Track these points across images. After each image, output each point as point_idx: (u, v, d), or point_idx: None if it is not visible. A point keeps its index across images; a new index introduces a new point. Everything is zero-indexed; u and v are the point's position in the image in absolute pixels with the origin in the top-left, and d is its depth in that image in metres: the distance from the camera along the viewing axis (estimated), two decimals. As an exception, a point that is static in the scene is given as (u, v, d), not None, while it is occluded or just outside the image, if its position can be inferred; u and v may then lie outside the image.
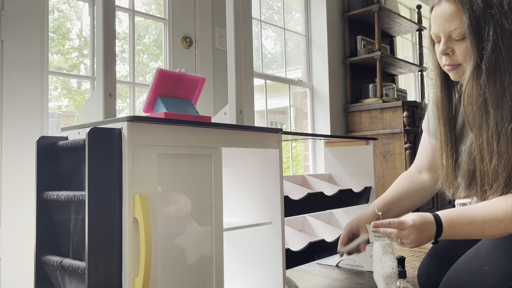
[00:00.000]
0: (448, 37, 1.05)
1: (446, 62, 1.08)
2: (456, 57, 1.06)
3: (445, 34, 1.05)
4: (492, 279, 0.99)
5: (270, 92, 3.07)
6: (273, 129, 1.35)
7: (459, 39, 1.03)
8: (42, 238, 1.06)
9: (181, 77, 1.21)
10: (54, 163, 1.08)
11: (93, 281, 0.90)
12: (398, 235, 0.98)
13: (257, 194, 1.42)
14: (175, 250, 1.06)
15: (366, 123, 3.24)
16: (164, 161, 1.04)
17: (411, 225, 0.97)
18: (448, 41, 1.05)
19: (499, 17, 0.99)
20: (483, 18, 0.99)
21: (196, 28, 2.39)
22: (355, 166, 2.01)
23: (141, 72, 2.32)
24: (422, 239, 0.98)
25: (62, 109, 2.06)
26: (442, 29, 1.05)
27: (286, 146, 3.16)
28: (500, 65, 0.98)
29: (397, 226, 0.98)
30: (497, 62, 0.98)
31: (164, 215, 1.04)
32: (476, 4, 0.99)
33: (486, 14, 0.99)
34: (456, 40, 1.04)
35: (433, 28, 1.07)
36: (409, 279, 1.75)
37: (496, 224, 0.97)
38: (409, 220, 0.97)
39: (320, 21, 3.31)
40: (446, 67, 1.09)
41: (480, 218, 0.98)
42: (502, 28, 0.98)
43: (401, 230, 0.98)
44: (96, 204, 0.91)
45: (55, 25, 2.01)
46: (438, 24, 1.05)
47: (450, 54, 1.06)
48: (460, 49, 1.04)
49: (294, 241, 1.76)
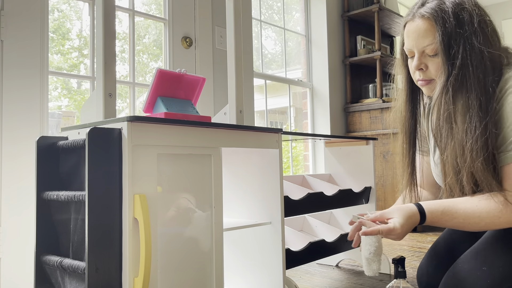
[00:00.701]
0: (422, 53, 1.07)
1: (419, 77, 1.10)
2: (430, 72, 1.08)
3: (419, 49, 1.07)
4: (491, 279, 1.00)
5: (270, 92, 3.07)
6: (273, 129, 1.35)
7: (432, 55, 1.05)
8: (42, 238, 1.06)
9: (181, 77, 1.21)
10: (54, 163, 1.08)
11: (93, 281, 0.90)
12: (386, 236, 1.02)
13: (257, 194, 1.42)
14: (175, 250, 1.06)
15: (366, 123, 3.24)
16: (164, 161, 1.04)
17: (399, 232, 1.00)
18: (422, 56, 1.07)
19: (469, 35, 1.01)
20: (454, 36, 1.01)
21: (196, 28, 2.39)
22: (355, 166, 2.01)
23: (141, 72, 2.32)
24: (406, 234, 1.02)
25: (62, 109, 2.06)
26: (416, 45, 1.07)
27: (286, 146, 3.16)
28: (466, 82, 1.01)
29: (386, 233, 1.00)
30: (463, 79, 1.01)
31: (164, 215, 1.04)
32: (449, 22, 1.01)
33: (457, 32, 1.01)
34: (429, 56, 1.06)
35: (407, 43, 1.09)
36: (409, 279, 1.76)
37: (477, 222, 0.99)
38: (398, 226, 1.00)
39: (320, 21, 3.31)
40: (420, 82, 1.11)
41: (463, 215, 1.00)
42: (471, 46, 1.01)
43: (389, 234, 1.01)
44: (96, 204, 0.91)
45: (55, 25, 2.01)
46: (412, 40, 1.07)
47: (423, 70, 1.08)
48: (433, 65, 1.06)
49: (294, 241, 1.76)
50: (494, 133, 0.99)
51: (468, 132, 1.00)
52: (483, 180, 0.99)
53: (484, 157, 0.98)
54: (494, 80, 1.01)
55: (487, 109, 0.99)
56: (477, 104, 0.99)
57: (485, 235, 1.11)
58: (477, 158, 0.98)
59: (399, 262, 1.08)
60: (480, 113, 0.99)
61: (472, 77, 1.00)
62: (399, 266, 1.08)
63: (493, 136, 0.99)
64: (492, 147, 0.99)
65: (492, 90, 1.00)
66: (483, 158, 0.98)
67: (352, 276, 1.89)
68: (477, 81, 1.00)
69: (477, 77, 1.00)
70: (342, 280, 1.82)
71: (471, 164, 0.99)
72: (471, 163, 0.99)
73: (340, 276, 1.90)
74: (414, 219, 1.01)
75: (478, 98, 1.00)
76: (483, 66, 1.01)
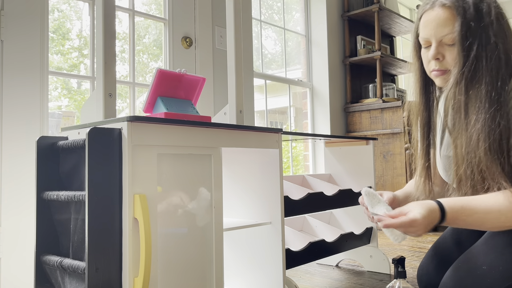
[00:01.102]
0: (439, 42, 1.07)
1: (435, 67, 1.10)
2: (446, 62, 1.08)
3: (437, 39, 1.07)
4: (491, 279, 1.00)
5: (270, 92, 3.07)
6: (273, 129, 1.35)
7: (450, 44, 1.06)
8: (42, 238, 1.06)
9: (181, 77, 1.21)
10: (54, 163, 1.08)
11: (93, 281, 0.90)
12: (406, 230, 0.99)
13: (257, 194, 1.42)
14: (175, 250, 1.06)
15: (366, 123, 3.24)
16: (164, 161, 1.04)
17: (421, 222, 0.98)
18: (439, 46, 1.07)
19: (486, 27, 1.02)
20: (472, 27, 1.02)
21: (196, 28, 2.39)
22: (355, 166, 2.01)
23: (141, 72, 2.32)
24: (426, 231, 1.00)
25: (62, 109, 2.06)
26: (434, 34, 1.07)
27: (286, 146, 3.16)
28: (478, 73, 1.02)
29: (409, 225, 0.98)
30: (476, 71, 1.02)
31: (164, 215, 1.04)
32: (469, 12, 1.02)
33: (475, 23, 1.02)
34: (447, 45, 1.06)
35: (424, 33, 1.09)
36: (409, 279, 1.76)
37: (497, 216, 0.98)
38: (418, 217, 0.98)
39: (320, 21, 3.31)
40: (434, 73, 1.11)
41: (484, 210, 0.99)
42: (487, 38, 1.02)
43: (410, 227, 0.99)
44: (96, 204, 0.91)
45: (55, 25, 2.01)
46: (431, 29, 1.07)
47: (440, 59, 1.08)
48: (450, 55, 1.06)
49: (294, 241, 1.76)
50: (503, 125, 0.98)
51: (475, 122, 1.00)
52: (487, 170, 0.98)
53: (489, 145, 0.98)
54: (507, 73, 1.02)
55: (497, 100, 0.99)
56: (487, 96, 1.00)
57: (485, 235, 1.11)
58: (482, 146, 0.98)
59: (399, 262, 1.08)
60: (488, 104, 0.99)
61: (485, 69, 1.01)
62: (399, 266, 1.08)
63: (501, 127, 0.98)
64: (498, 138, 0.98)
65: (503, 83, 1.01)
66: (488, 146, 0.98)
67: (352, 276, 1.89)
68: (489, 73, 1.01)
69: (490, 70, 1.01)
70: (342, 280, 1.82)
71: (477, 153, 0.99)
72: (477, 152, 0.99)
73: (340, 276, 1.90)
74: (434, 214, 0.99)
75: (489, 90, 1.00)
76: (497, 59, 1.01)
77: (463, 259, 1.08)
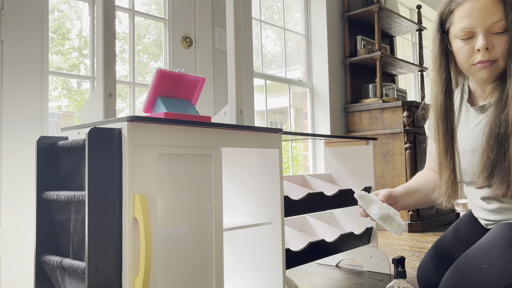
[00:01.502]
0: (487, 31, 1.03)
1: (482, 59, 1.06)
2: (495, 51, 1.04)
3: (485, 27, 1.03)
4: (491, 277, 1.00)
5: (270, 92, 3.07)
6: (273, 129, 1.35)
7: (499, 32, 1.02)
8: (42, 238, 1.06)
9: (181, 77, 1.21)
10: (54, 163, 1.08)
11: (93, 281, 0.90)
12: None
13: (257, 194, 1.42)
14: (175, 250, 1.06)
15: (366, 123, 3.24)
16: (164, 161, 1.04)
17: None
18: (487, 35, 1.04)
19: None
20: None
21: (196, 28, 2.39)
22: (355, 166, 2.01)
23: (141, 72, 2.32)
24: None
25: (62, 109, 2.06)
26: (483, 22, 1.03)
27: (286, 146, 3.16)
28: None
29: None
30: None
31: (164, 215, 1.04)
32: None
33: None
34: (495, 34, 1.03)
35: (468, 22, 1.05)
36: (409, 279, 1.76)
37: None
38: None
39: (320, 21, 3.31)
40: (479, 65, 1.07)
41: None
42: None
43: None
44: (96, 204, 0.91)
45: (55, 25, 2.01)
46: (477, 17, 1.03)
47: (489, 49, 1.04)
48: (500, 43, 1.03)
49: (294, 241, 1.76)
50: None
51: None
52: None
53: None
54: None
55: None
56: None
57: (486, 234, 1.11)
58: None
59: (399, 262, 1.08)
60: None
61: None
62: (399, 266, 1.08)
63: None
64: None
65: None
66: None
67: (352, 276, 1.89)
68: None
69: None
70: (342, 280, 1.82)
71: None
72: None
73: (340, 276, 1.90)
74: None
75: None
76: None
77: (463, 258, 1.08)
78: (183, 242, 1.08)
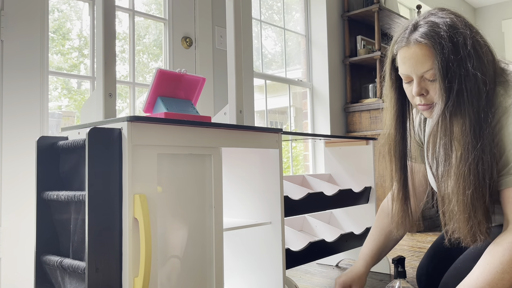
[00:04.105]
0: (421, 78, 1.05)
1: (420, 102, 1.08)
2: (430, 96, 1.06)
3: (418, 75, 1.05)
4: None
5: (270, 92, 3.07)
6: (273, 129, 1.35)
7: (431, 80, 1.04)
8: (42, 238, 1.06)
9: (181, 77, 1.21)
10: (54, 163, 1.08)
11: (93, 281, 0.90)
12: None
13: (257, 194, 1.42)
14: (175, 250, 1.06)
15: (366, 123, 3.24)
16: (164, 161, 1.04)
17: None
18: (421, 81, 1.05)
19: (464, 59, 0.99)
20: (451, 61, 0.99)
21: (196, 28, 2.39)
22: (355, 166, 2.01)
23: (141, 72, 2.32)
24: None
25: (62, 109, 2.06)
26: (414, 71, 1.04)
27: (286, 146, 3.16)
28: (461, 108, 1.00)
29: None
30: (459, 105, 1.00)
31: (164, 215, 1.04)
32: (446, 46, 0.99)
33: (454, 57, 0.99)
34: (429, 80, 1.04)
35: (404, 69, 1.07)
36: (409, 279, 1.76)
37: (500, 278, 0.95)
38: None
39: (320, 21, 3.31)
40: (421, 107, 1.09)
41: (485, 282, 0.96)
42: (466, 70, 0.99)
43: None
44: (96, 204, 0.91)
45: (55, 25, 2.01)
46: (410, 66, 1.05)
47: (424, 95, 1.06)
48: (433, 90, 1.05)
49: (294, 241, 1.76)
50: (488, 160, 0.98)
51: (461, 159, 0.99)
52: (473, 210, 0.98)
53: (475, 186, 0.97)
54: (487, 103, 1.01)
55: (480, 134, 0.99)
56: (471, 131, 0.99)
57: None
58: (468, 186, 0.98)
59: (399, 262, 1.09)
60: (473, 140, 0.98)
61: (466, 102, 0.99)
62: (399, 266, 1.08)
63: (487, 164, 0.98)
64: (485, 177, 0.98)
65: (485, 114, 1.00)
66: (474, 188, 0.97)
67: (352, 276, 1.89)
68: (471, 106, 0.99)
69: (471, 103, 0.99)
70: (342, 280, 1.82)
71: (463, 192, 0.99)
72: (463, 190, 0.99)
73: (340, 276, 1.90)
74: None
75: (472, 125, 0.99)
76: (476, 90, 1.00)
77: (462, 259, 1.09)
78: (183, 242, 1.08)
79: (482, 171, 0.97)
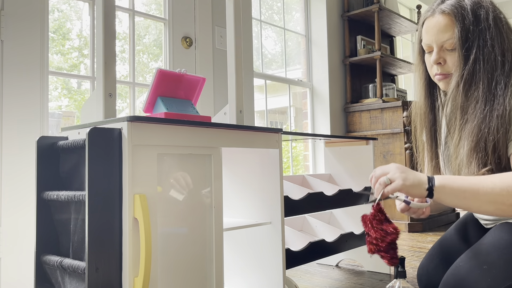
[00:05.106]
0: (441, 47, 1.11)
1: (437, 72, 1.14)
2: (448, 66, 1.12)
3: (438, 44, 1.11)
4: (491, 278, 1.00)
5: (270, 92, 3.07)
6: (273, 129, 1.35)
7: (450, 49, 1.10)
8: (42, 238, 1.06)
9: (181, 77, 1.21)
10: (54, 163, 1.08)
11: (93, 281, 0.90)
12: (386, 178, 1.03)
13: (257, 194, 1.42)
14: (175, 250, 1.06)
15: (366, 123, 3.24)
16: (164, 161, 1.04)
17: (391, 165, 1.03)
18: (440, 51, 1.11)
19: (484, 31, 1.06)
20: (471, 31, 1.06)
21: (196, 28, 2.39)
22: (355, 166, 2.01)
23: (141, 72, 2.32)
24: (408, 176, 1.00)
25: (62, 109, 2.06)
26: (435, 40, 1.11)
27: (286, 146, 3.16)
28: (476, 76, 1.06)
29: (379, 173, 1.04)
30: (474, 73, 1.06)
31: (164, 215, 1.04)
32: (467, 18, 1.07)
33: (473, 28, 1.07)
34: (448, 50, 1.11)
35: (426, 38, 1.13)
36: (409, 279, 1.76)
37: (491, 187, 0.96)
38: (390, 166, 1.04)
39: (320, 21, 3.31)
40: (437, 77, 1.15)
41: (475, 179, 0.99)
42: (484, 41, 1.06)
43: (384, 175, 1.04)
44: (96, 204, 0.91)
45: (55, 25, 2.01)
46: (432, 35, 1.11)
47: (442, 64, 1.12)
48: (451, 59, 1.11)
49: (294, 241, 1.76)
50: (492, 126, 1.02)
51: (468, 122, 1.06)
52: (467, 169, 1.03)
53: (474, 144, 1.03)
54: (502, 74, 1.05)
55: (492, 101, 1.04)
56: (483, 97, 1.04)
57: (486, 234, 1.11)
58: (467, 146, 1.04)
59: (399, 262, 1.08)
60: (484, 105, 1.04)
61: (482, 71, 1.05)
62: (399, 266, 1.08)
63: (489, 129, 1.03)
64: (493, 135, 1.02)
65: (497, 83, 1.04)
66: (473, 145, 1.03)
67: (352, 276, 1.89)
68: (486, 75, 1.05)
69: (486, 72, 1.05)
70: (342, 280, 1.82)
71: (461, 152, 1.05)
72: (461, 151, 1.05)
73: (340, 276, 1.90)
74: (419, 175, 1.01)
75: (485, 92, 1.04)
76: (493, 61, 1.05)
77: (463, 259, 1.09)
78: (183, 242, 1.08)
79: (488, 133, 1.02)
